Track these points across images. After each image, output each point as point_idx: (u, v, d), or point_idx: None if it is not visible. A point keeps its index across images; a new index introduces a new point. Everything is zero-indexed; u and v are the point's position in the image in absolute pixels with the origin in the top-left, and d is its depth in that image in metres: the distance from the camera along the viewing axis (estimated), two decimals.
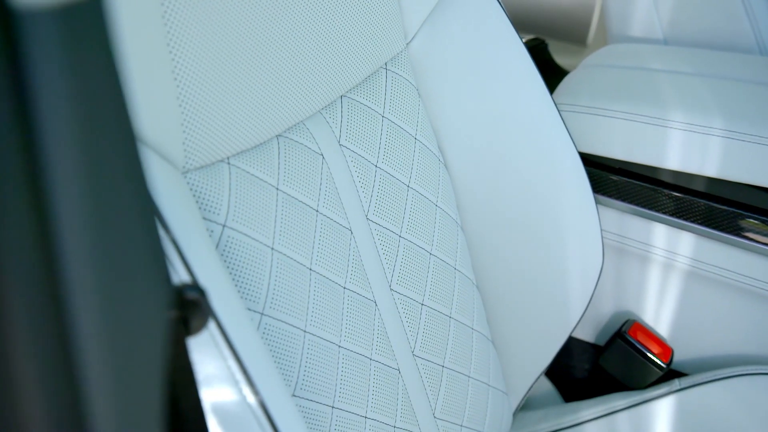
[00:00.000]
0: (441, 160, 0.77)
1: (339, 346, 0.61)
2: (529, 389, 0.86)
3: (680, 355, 0.90)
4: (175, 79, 0.49)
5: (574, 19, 1.67)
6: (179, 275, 0.40)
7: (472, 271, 0.80)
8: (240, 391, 0.41)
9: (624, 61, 0.98)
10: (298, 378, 0.57)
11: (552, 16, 1.69)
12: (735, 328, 0.86)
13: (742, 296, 0.83)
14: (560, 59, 1.57)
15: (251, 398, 0.41)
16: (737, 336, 0.86)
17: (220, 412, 0.40)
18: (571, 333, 0.82)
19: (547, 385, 0.99)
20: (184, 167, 0.51)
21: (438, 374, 0.72)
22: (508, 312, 0.82)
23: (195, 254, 0.42)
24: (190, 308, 0.35)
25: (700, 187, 0.82)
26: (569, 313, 0.81)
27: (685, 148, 0.81)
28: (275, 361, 0.55)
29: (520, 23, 1.72)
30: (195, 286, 0.34)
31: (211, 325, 0.40)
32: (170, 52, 0.49)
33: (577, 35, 1.67)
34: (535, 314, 0.81)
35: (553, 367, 0.99)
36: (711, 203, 0.81)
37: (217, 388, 0.41)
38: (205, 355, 0.40)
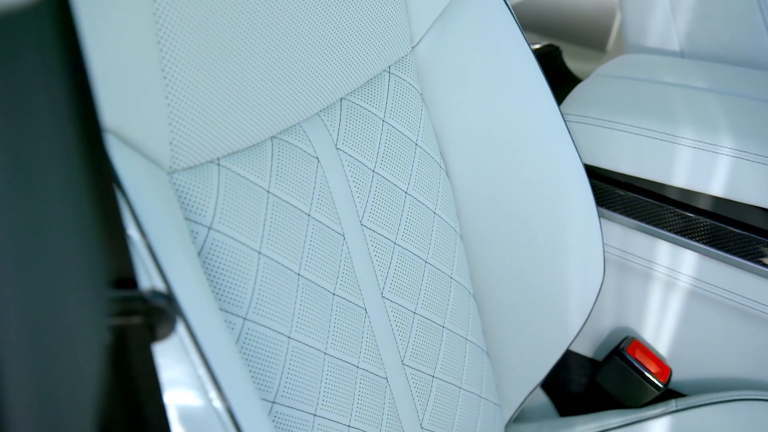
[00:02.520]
0: (442, 167, 0.75)
1: (325, 353, 0.60)
2: (523, 401, 0.85)
3: (678, 375, 0.88)
4: (165, 77, 0.49)
5: (594, 24, 1.65)
6: (152, 280, 0.39)
7: (470, 281, 0.79)
8: (207, 398, 0.40)
9: (637, 72, 0.96)
10: (279, 384, 0.56)
11: (572, 22, 1.67)
12: (735, 351, 0.84)
13: (745, 319, 0.82)
14: (576, 65, 1.55)
15: (219, 405, 0.40)
16: (737, 359, 0.84)
17: (187, 418, 0.40)
18: (569, 346, 0.81)
19: (542, 397, 0.98)
20: (170, 167, 0.50)
21: (427, 384, 0.71)
22: (506, 323, 0.81)
23: (171, 258, 0.41)
24: (155, 315, 0.34)
25: (706, 206, 0.80)
26: (567, 327, 0.80)
27: (693, 166, 0.79)
28: (256, 367, 0.54)
29: (539, 27, 1.70)
30: (161, 293, 0.34)
31: (182, 330, 0.40)
32: (160, 50, 0.48)
33: (596, 41, 1.65)
34: (533, 326, 0.80)
35: (549, 380, 0.98)
36: (717, 223, 0.79)
37: (184, 395, 0.40)
38: (174, 361, 0.40)
